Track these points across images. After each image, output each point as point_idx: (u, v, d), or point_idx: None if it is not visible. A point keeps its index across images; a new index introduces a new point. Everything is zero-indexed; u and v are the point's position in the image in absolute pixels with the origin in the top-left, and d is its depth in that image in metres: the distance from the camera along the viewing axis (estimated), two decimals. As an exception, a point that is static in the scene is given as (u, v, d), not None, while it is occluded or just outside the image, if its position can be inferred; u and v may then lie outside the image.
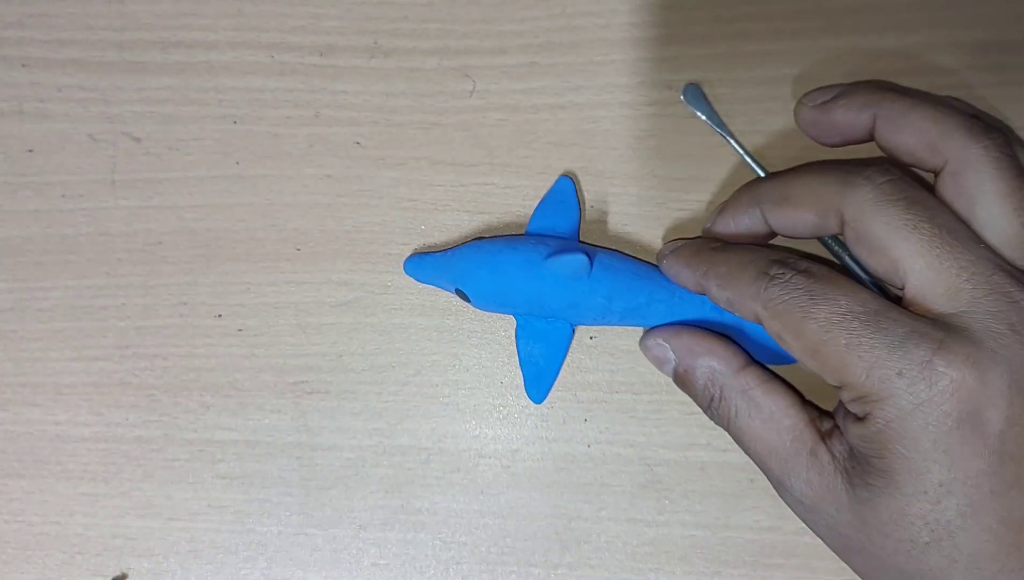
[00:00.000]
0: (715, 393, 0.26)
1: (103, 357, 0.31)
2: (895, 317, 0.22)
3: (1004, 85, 0.29)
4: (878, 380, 0.22)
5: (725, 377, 0.26)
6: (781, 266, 0.24)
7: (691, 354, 0.27)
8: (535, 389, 0.29)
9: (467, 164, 0.30)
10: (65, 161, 0.31)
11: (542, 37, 0.30)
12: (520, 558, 0.30)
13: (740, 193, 0.27)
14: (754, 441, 0.26)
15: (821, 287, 0.23)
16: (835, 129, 0.26)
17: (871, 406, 0.22)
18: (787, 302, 0.23)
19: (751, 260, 0.25)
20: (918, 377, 0.21)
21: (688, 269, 0.26)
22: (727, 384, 0.26)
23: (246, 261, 0.31)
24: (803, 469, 0.24)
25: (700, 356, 0.27)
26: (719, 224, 0.27)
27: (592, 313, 0.28)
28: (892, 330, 0.22)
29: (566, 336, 0.28)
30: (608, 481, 0.30)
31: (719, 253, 0.26)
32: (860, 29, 0.29)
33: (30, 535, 0.31)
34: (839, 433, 0.24)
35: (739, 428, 0.26)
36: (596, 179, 0.30)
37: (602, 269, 0.27)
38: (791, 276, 0.23)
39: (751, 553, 0.30)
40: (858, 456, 0.23)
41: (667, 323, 0.28)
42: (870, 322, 0.22)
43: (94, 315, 0.31)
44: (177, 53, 0.31)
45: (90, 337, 0.31)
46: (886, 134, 0.25)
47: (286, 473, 0.31)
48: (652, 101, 0.29)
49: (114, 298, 0.31)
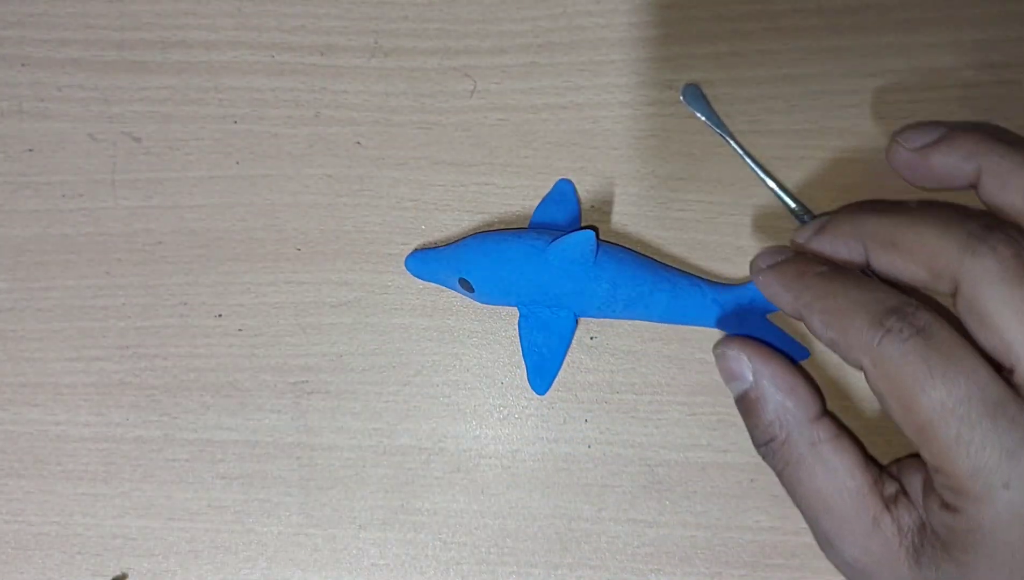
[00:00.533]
0: (779, 435, 0.25)
1: (103, 357, 0.31)
2: (1013, 415, 0.20)
3: (1004, 85, 0.29)
4: (982, 484, 0.20)
5: (797, 423, 0.24)
6: (899, 318, 0.21)
7: (772, 384, 0.25)
8: (538, 379, 0.28)
9: (467, 164, 0.30)
10: (65, 161, 0.31)
11: (542, 37, 0.30)
12: (520, 558, 0.30)
13: (842, 219, 0.24)
14: (810, 495, 0.24)
15: (941, 358, 0.21)
16: (933, 176, 0.24)
17: (966, 503, 0.21)
18: (901, 368, 0.21)
19: (864, 302, 0.22)
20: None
21: (788, 293, 0.24)
22: (797, 431, 0.24)
23: (246, 261, 0.31)
24: (862, 535, 0.23)
25: (780, 390, 0.25)
26: (814, 243, 0.25)
27: (596, 300, 0.27)
28: (1010, 433, 0.20)
29: (570, 326, 0.28)
30: (609, 482, 0.30)
31: (827, 282, 0.23)
32: (860, 28, 0.29)
33: (30, 535, 0.31)
34: (906, 502, 0.23)
35: (796, 478, 0.24)
36: (596, 179, 0.30)
37: (606, 256, 0.27)
38: (909, 335, 0.21)
39: (752, 554, 0.30)
40: (933, 537, 0.22)
41: (745, 336, 0.26)
42: (988, 415, 0.20)
43: (94, 315, 0.31)
44: (177, 53, 0.31)
45: (90, 337, 0.31)
46: (992, 191, 0.23)
47: (286, 473, 0.31)
48: (652, 101, 0.29)
49: (114, 298, 0.31)
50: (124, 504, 0.31)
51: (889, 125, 0.29)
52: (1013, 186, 0.22)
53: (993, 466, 0.20)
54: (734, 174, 0.29)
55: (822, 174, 0.29)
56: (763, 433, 0.25)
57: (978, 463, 0.20)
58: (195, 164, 0.31)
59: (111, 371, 0.31)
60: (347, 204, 0.30)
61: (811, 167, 0.29)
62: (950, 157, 0.23)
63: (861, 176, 0.29)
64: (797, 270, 0.24)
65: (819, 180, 0.29)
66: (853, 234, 0.24)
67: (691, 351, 0.30)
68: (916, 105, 0.29)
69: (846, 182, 0.29)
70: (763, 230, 0.29)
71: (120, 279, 0.31)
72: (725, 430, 0.29)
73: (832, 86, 0.29)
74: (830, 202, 0.29)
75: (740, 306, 0.28)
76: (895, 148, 0.24)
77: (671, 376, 0.30)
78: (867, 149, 0.29)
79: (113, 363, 0.31)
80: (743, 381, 0.25)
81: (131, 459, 0.31)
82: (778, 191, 0.29)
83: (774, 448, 0.25)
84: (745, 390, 0.25)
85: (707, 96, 0.29)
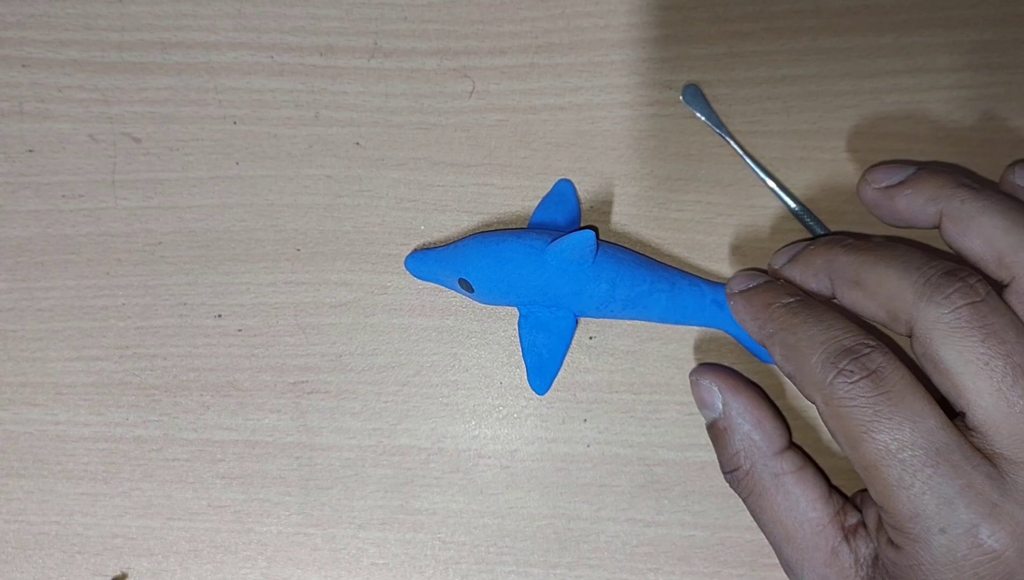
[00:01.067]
0: (744, 465, 0.26)
1: (103, 357, 0.31)
2: (956, 462, 0.21)
3: (1004, 85, 0.29)
4: (920, 527, 0.21)
5: (762, 455, 0.25)
6: (853, 360, 0.22)
7: (740, 417, 0.26)
8: (538, 380, 0.29)
9: (467, 164, 0.30)
10: (65, 161, 0.31)
11: (542, 37, 0.30)
12: (519, 558, 0.30)
13: (814, 252, 0.25)
14: (773, 523, 0.25)
15: (888, 404, 0.21)
16: (898, 217, 0.25)
17: (907, 543, 0.22)
18: (848, 409, 0.22)
19: (821, 340, 0.23)
20: (960, 538, 0.21)
21: (755, 321, 0.25)
22: (761, 463, 0.25)
23: (246, 261, 0.31)
24: (821, 564, 0.24)
25: (747, 423, 0.26)
26: (786, 271, 0.26)
27: (595, 300, 0.28)
28: (950, 480, 0.21)
29: (570, 326, 0.28)
30: (607, 481, 0.30)
31: (791, 315, 0.24)
32: (859, 29, 0.29)
33: (30, 535, 0.31)
34: (864, 533, 0.24)
35: (759, 507, 0.25)
36: (596, 179, 0.30)
37: (605, 257, 0.27)
38: (860, 378, 0.22)
39: (750, 553, 0.30)
40: (883, 570, 0.23)
41: (719, 366, 0.27)
42: (928, 463, 0.21)
43: (94, 315, 0.31)
44: (177, 53, 0.31)
45: (90, 337, 0.31)
46: (952, 235, 0.24)
47: (286, 473, 0.31)
48: (652, 101, 0.29)
49: (114, 298, 0.31)
50: (124, 504, 0.31)
51: (888, 125, 0.29)
52: (973, 231, 0.23)
53: (932, 511, 0.21)
54: (733, 175, 0.29)
55: (820, 175, 0.29)
56: (729, 461, 0.26)
57: (917, 507, 0.21)
58: (195, 164, 0.31)
59: (111, 371, 0.31)
60: (347, 204, 0.30)
61: (810, 168, 0.29)
62: (914, 200, 0.24)
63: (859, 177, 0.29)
64: (764, 300, 0.25)
65: (817, 181, 0.29)
66: (823, 268, 0.25)
67: (690, 351, 0.30)
68: (915, 106, 0.29)
69: (844, 182, 0.29)
70: (762, 231, 0.29)
71: (120, 279, 0.31)
72: (724, 430, 0.30)
73: (831, 87, 0.29)
74: (830, 202, 0.29)
75: None
76: (863, 185, 0.26)
77: (670, 376, 0.30)
78: (865, 150, 0.29)
79: (113, 363, 0.31)
80: (713, 410, 0.27)
81: (131, 459, 0.31)
82: (779, 192, 0.29)
83: (739, 477, 0.26)
84: (715, 419, 0.27)
85: (707, 97, 0.29)
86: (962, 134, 0.29)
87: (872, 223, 0.28)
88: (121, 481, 0.31)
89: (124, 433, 0.31)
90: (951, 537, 0.21)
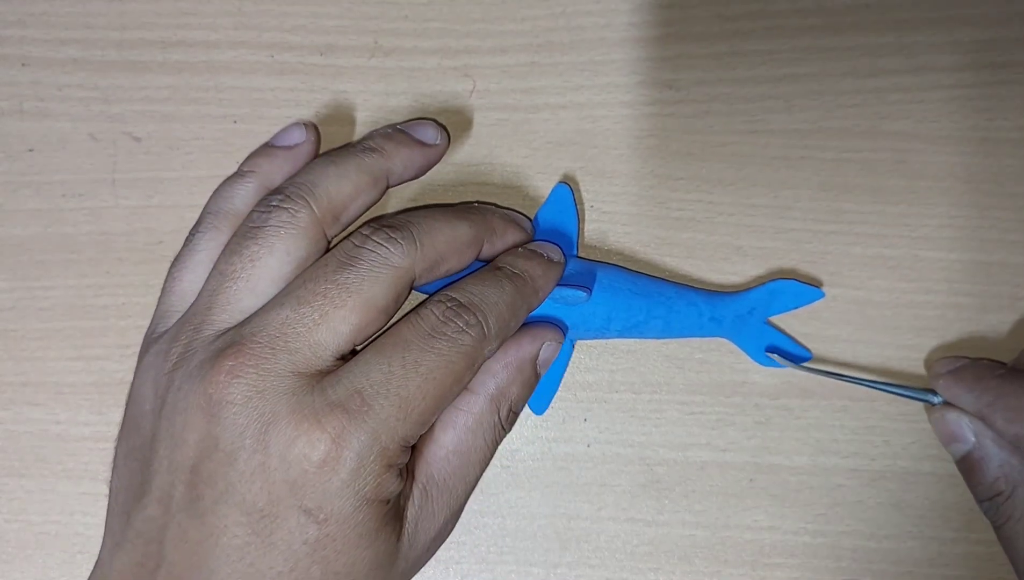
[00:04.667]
0: (1005, 490, 0.26)
1: (104, 356, 0.31)
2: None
3: (1004, 85, 0.29)
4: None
5: (1023, 477, 0.26)
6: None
7: (995, 443, 0.26)
8: (536, 402, 0.29)
9: (467, 164, 0.30)
10: (65, 160, 0.31)
11: (542, 37, 0.30)
12: (519, 557, 0.30)
13: (972, 385, 0.27)
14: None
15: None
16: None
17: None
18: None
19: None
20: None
21: (970, 394, 0.26)
22: (1023, 486, 0.26)
23: (246, 260, 0.31)
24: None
25: (1004, 449, 0.26)
26: (944, 388, 0.27)
27: (592, 331, 0.28)
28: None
29: (566, 353, 0.29)
30: (608, 481, 0.30)
31: (1007, 383, 0.26)
32: (860, 28, 0.29)
33: (31, 534, 0.31)
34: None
35: (1015, 532, 0.26)
36: (596, 179, 0.30)
37: (600, 290, 0.28)
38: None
39: (751, 553, 0.30)
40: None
41: (968, 394, 0.27)
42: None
43: (94, 314, 0.31)
44: (177, 53, 0.31)
45: (91, 336, 0.31)
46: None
47: (286, 472, 0.31)
48: (652, 101, 0.29)
49: (114, 297, 0.31)
50: (125, 503, 0.31)
51: (889, 125, 0.29)
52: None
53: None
54: (734, 174, 0.29)
55: (822, 174, 0.29)
56: (988, 489, 0.26)
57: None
58: (195, 164, 0.31)
59: (112, 370, 0.31)
60: (347, 204, 0.30)
61: (811, 167, 0.29)
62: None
63: (861, 176, 0.29)
64: (977, 374, 0.26)
65: (819, 180, 0.29)
66: (974, 407, 0.26)
67: (690, 351, 0.30)
68: (916, 105, 0.29)
69: (846, 182, 0.29)
70: (762, 231, 0.29)
71: (121, 278, 0.31)
72: (724, 429, 0.30)
73: (832, 86, 0.29)
74: (831, 201, 0.29)
75: (739, 316, 0.28)
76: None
77: (670, 375, 0.30)
78: (867, 149, 0.29)
79: (114, 362, 0.31)
80: (965, 443, 0.27)
81: (132, 458, 0.31)
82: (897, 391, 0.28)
83: (999, 503, 0.26)
84: (968, 451, 0.27)
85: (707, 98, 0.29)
86: (963, 134, 0.29)
87: (876, 218, 0.28)
88: (122, 480, 0.31)
89: (125, 432, 0.31)
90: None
